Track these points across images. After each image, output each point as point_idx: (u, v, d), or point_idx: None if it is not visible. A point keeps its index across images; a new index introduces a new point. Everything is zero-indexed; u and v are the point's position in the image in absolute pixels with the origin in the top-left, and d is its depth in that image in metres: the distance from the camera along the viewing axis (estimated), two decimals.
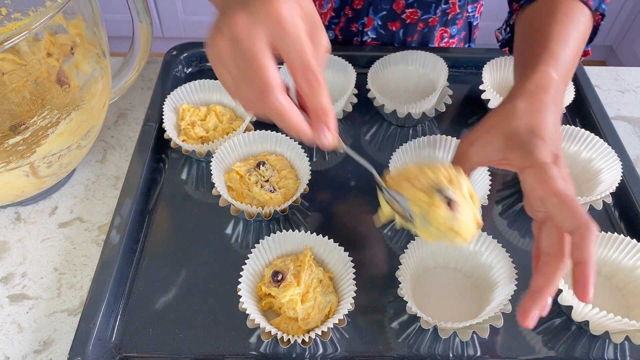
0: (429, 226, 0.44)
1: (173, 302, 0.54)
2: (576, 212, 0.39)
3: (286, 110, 0.37)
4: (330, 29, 0.80)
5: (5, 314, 0.54)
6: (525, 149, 0.43)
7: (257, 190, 0.58)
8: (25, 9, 0.60)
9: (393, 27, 0.79)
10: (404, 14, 0.78)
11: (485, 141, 0.46)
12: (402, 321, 0.53)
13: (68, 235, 0.61)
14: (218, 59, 0.38)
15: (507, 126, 0.45)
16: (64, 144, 0.56)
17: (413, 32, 0.81)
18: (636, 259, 0.52)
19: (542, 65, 0.49)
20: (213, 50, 0.38)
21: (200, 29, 2.09)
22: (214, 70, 0.39)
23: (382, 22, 0.79)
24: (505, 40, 0.67)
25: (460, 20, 0.83)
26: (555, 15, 0.53)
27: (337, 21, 0.79)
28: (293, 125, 0.38)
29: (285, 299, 0.49)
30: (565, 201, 0.39)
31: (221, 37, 0.37)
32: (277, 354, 0.50)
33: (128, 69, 0.68)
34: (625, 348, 0.51)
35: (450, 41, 0.85)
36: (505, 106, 0.47)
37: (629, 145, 0.70)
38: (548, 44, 0.51)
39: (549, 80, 0.47)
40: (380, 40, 0.81)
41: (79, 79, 0.56)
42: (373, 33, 0.80)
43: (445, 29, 0.82)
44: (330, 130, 0.39)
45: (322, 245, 0.54)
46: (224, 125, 0.67)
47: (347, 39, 0.82)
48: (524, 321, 0.39)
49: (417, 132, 0.71)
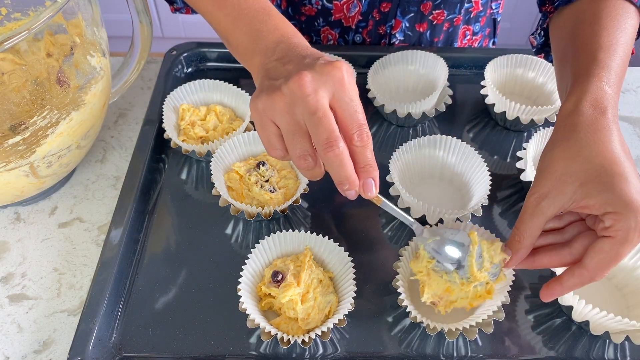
0: (484, 260, 0.47)
1: (173, 302, 0.54)
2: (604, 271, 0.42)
3: (346, 159, 0.41)
4: (358, 33, 0.80)
5: (5, 314, 0.54)
6: (608, 194, 0.41)
7: (257, 190, 0.58)
8: (25, 9, 0.60)
9: (420, 28, 0.79)
10: (430, 15, 0.78)
11: (556, 193, 0.43)
12: (402, 321, 0.53)
13: (68, 235, 0.60)
14: (270, 114, 0.41)
15: (579, 171, 0.42)
16: (64, 144, 0.56)
17: (439, 32, 0.81)
18: (636, 259, 0.52)
19: (594, 79, 0.45)
20: (267, 105, 0.41)
21: (200, 29, 2.09)
22: (258, 123, 0.43)
23: (410, 24, 0.79)
24: (540, 45, 0.64)
25: (483, 18, 0.83)
26: (599, 19, 0.50)
27: (365, 24, 0.79)
28: (348, 174, 0.41)
29: (285, 299, 0.49)
30: (614, 263, 0.41)
31: (280, 94, 0.41)
32: (277, 354, 0.50)
33: (128, 69, 0.68)
34: (625, 348, 0.51)
35: (474, 38, 0.85)
36: (568, 142, 0.44)
37: (629, 145, 0.70)
38: (597, 53, 0.47)
39: (605, 97, 0.45)
40: (408, 41, 0.81)
41: (79, 79, 0.56)
42: (401, 35, 0.80)
43: (468, 27, 0.82)
44: (375, 185, 0.43)
45: (322, 245, 0.54)
46: (224, 125, 0.67)
47: (375, 42, 0.81)
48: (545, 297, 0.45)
49: (417, 132, 0.71)
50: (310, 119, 0.40)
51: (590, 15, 0.51)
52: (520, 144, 0.69)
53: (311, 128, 0.40)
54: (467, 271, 0.46)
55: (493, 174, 0.59)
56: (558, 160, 0.44)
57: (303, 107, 0.40)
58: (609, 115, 0.44)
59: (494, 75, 0.72)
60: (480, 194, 0.58)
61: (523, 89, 0.73)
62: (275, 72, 0.43)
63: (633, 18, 0.51)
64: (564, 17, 0.55)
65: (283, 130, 0.42)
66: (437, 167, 0.63)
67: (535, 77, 0.72)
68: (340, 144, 0.40)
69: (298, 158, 0.42)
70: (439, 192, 0.63)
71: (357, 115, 0.41)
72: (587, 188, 0.41)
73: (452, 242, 0.47)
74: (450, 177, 0.63)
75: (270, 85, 0.42)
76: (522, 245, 0.45)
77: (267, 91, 0.41)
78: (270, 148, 0.43)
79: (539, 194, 0.44)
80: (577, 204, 0.42)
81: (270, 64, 0.44)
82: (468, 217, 0.57)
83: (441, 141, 0.62)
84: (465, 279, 0.47)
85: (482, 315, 0.48)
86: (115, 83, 0.67)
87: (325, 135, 0.40)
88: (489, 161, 0.67)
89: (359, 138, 0.41)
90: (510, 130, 0.71)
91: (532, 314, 0.53)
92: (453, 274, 0.47)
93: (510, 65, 0.72)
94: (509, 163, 0.67)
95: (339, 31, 0.81)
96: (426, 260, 0.48)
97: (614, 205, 0.40)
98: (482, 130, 0.71)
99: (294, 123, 0.41)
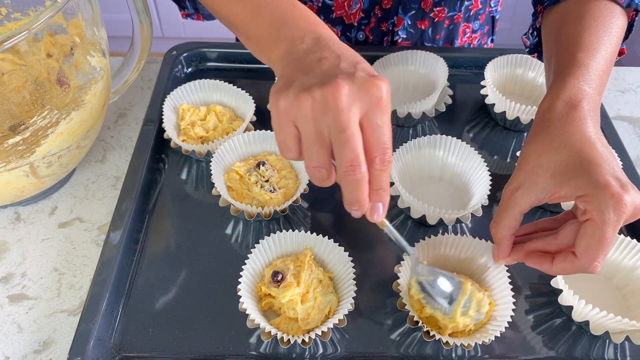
0: (470, 309, 0.48)
1: (173, 302, 0.54)
2: (597, 259, 0.41)
3: (365, 184, 0.39)
4: (361, 30, 0.80)
5: (5, 314, 0.54)
6: (577, 179, 0.42)
7: (257, 190, 0.58)
8: (25, 9, 0.60)
9: (422, 25, 0.79)
10: (432, 12, 0.78)
11: (529, 184, 0.44)
12: (402, 322, 0.52)
13: (68, 235, 0.60)
14: (293, 115, 0.38)
15: (549, 162, 0.43)
16: (64, 144, 0.56)
17: (440, 29, 0.81)
18: (636, 259, 0.52)
19: (571, 78, 0.46)
20: (292, 106, 0.38)
21: (200, 28, 2.09)
22: (276, 121, 0.39)
23: (412, 22, 0.79)
24: (533, 45, 0.64)
25: (482, 15, 0.83)
26: (583, 19, 0.50)
27: (367, 22, 0.79)
28: (362, 198, 0.40)
29: (285, 299, 0.49)
30: (600, 248, 0.41)
31: (309, 97, 0.37)
32: (277, 354, 0.50)
33: (128, 69, 0.68)
34: (625, 348, 0.51)
35: (473, 36, 0.85)
36: (540, 136, 0.45)
37: (629, 145, 0.70)
38: (576, 53, 0.48)
39: (581, 94, 0.45)
40: (410, 39, 0.81)
41: (79, 79, 0.56)
42: (403, 33, 0.80)
43: (468, 25, 0.82)
44: (384, 209, 0.42)
45: (322, 245, 0.54)
46: (224, 125, 0.67)
47: (378, 39, 0.81)
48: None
49: (417, 132, 0.71)
50: (337, 136, 0.37)
51: (575, 16, 0.51)
52: (520, 144, 0.69)
53: (336, 145, 0.38)
54: (451, 313, 0.48)
55: (493, 174, 0.59)
56: (530, 154, 0.45)
57: (333, 120, 0.37)
58: (582, 108, 0.45)
59: (494, 75, 0.72)
60: (480, 194, 0.58)
61: (523, 89, 0.73)
62: (306, 64, 0.40)
63: (619, 18, 0.51)
64: (552, 17, 0.55)
65: (303, 136, 0.39)
66: (437, 167, 0.63)
67: (535, 77, 0.72)
68: (362, 169, 0.38)
69: (313, 168, 0.40)
70: (439, 192, 0.63)
71: (384, 139, 0.39)
72: (558, 178, 0.43)
73: (442, 290, 0.48)
74: (450, 177, 0.63)
75: (300, 84, 0.38)
76: (500, 236, 0.46)
77: (295, 89, 0.38)
78: (285, 149, 0.40)
79: (513, 186, 0.45)
80: (551, 194, 0.44)
81: (299, 52, 0.41)
82: (468, 217, 0.57)
83: (441, 141, 0.62)
84: (448, 318, 0.48)
85: (483, 337, 0.48)
86: (115, 83, 0.67)
87: (350, 157, 0.38)
88: (489, 161, 0.67)
89: (380, 162, 0.39)
90: (510, 130, 0.71)
91: (532, 314, 0.53)
92: (437, 310, 0.49)
93: (510, 65, 0.72)
94: (509, 163, 0.67)
95: (341, 29, 0.81)
96: (415, 290, 0.49)
97: (583, 188, 0.41)
98: (482, 130, 0.71)
99: (317, 132, 0.38)
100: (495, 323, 0.49)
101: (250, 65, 0.78)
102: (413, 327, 0.50)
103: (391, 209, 0.61)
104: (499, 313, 0.50)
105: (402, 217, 0.61)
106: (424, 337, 0.49)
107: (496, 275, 0.51)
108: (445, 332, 0.49)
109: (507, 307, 0.49)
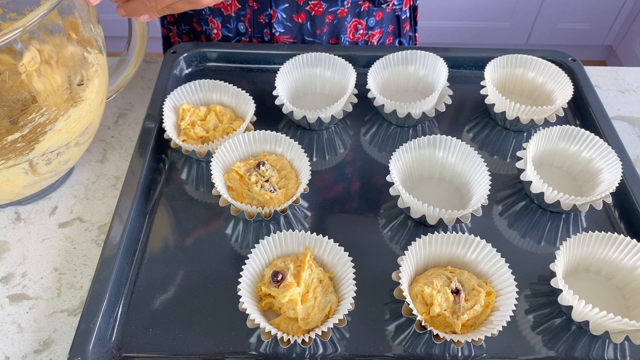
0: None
1: (173, 302, 0.54)
2: None
3: None
4: (240, 21, 0.80)
5: (5, 314, 0.54)
6: None
7: (257, 190, 0.58)
8: (20, 9, 0.60)
9: (299, 19, 0.78)
10: (307, 6, 0.77)
11: None
12: (402, 321, 0.53)
13: (68, 235, 0.60)
14: None
15: None
16: (63, 141, 0.56)
17: (322, 24, 0.80)
18: (636, 259, 0.52)
19: None
20: None
21: None
22: None
23: (287, 15, 0.78)
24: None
25: (378, 12, 0.81)
26: None
27: (244, 13, 0.78)
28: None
29: (285, 299, 0.49)
30: None
31: None
32: (277, 354, 0.50)
33: (125, 65, 0.68)
34: (625, 348, 0.51)
35: (370, 33, 0.84)
36: None
37: (629, 145, 0.70)
38: None
39: None
40: (289, 32, 0.80)
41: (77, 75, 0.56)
42: (279, 26, 0.79)
43: (359, 21, 0.81)
44: None
45: (322, 245, 0.54)
46: (224, 125, 0.67)
47: (258, 31, 0.81)
48: None
49: (417, 132, 0.71)
50: None
51: None
52: (520, 144, 0.69)
53: None
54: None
55: (493, 174, 0.59)
56: None
57: None
58: None
59: (494, 75, 0.72)
60: (480, 194, 0.58)
61: (523, 89, 0.73)
62: None
63: None
64: None
65: None
66: (437, 167, 0.63)
67: (535, 77, 0.72)
68: None
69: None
70: (439, 192, 0.63)
71: None
72: None
73: None
74: (450, 177, 0.63)
75: None
76: None
77: None
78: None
79: None
80: None
81: None
82: (468, 217, 0.57)
83: (441, 141, 0.62)
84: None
85: (485, 332, 0.48)
86: (113, 80, 0.67)
87: None
88: (489, 161, 0.67)
89: None
90: (510, 130, 0.71)
91: (531, 314, 0.53)
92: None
93: (510, 65, 0.72)
94: (508, 163, 0.67)
95: (221, 20, 0.80)
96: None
97: None
98: (482, 130, 0.71)
99: None
100: (499, 314, 0.49)
101: (250, 65, 0.78)
102: (420, 332, 0.50)
103: (391, 209, 0.62)
104: (502, 302, 0.50)
105: (402, 217, 0.61)
106: (434, 340, 0.49)
107: (494, 266, 0.51)
108: (456, 326, 0.49)
109: (510, 296, 0.49)
